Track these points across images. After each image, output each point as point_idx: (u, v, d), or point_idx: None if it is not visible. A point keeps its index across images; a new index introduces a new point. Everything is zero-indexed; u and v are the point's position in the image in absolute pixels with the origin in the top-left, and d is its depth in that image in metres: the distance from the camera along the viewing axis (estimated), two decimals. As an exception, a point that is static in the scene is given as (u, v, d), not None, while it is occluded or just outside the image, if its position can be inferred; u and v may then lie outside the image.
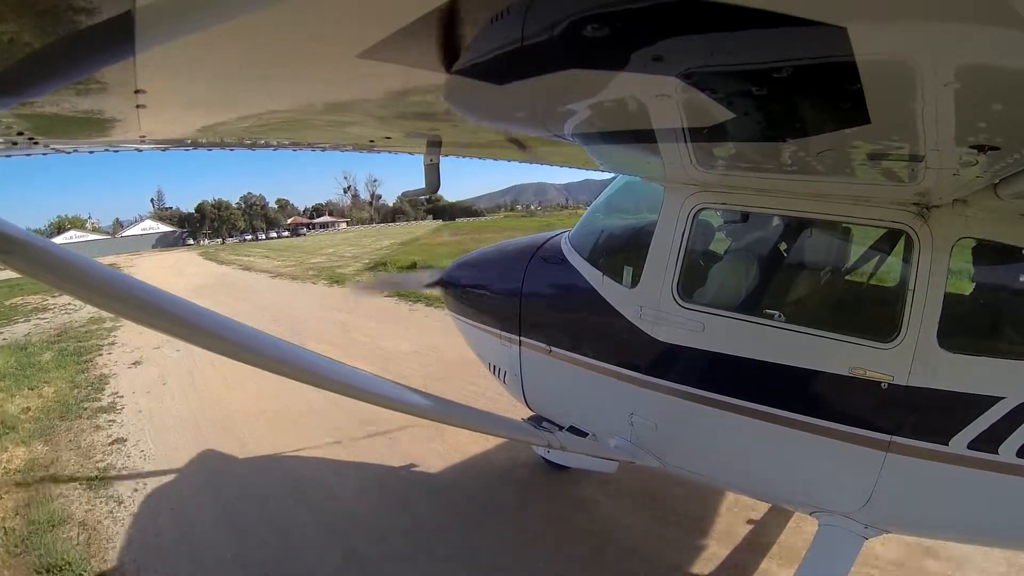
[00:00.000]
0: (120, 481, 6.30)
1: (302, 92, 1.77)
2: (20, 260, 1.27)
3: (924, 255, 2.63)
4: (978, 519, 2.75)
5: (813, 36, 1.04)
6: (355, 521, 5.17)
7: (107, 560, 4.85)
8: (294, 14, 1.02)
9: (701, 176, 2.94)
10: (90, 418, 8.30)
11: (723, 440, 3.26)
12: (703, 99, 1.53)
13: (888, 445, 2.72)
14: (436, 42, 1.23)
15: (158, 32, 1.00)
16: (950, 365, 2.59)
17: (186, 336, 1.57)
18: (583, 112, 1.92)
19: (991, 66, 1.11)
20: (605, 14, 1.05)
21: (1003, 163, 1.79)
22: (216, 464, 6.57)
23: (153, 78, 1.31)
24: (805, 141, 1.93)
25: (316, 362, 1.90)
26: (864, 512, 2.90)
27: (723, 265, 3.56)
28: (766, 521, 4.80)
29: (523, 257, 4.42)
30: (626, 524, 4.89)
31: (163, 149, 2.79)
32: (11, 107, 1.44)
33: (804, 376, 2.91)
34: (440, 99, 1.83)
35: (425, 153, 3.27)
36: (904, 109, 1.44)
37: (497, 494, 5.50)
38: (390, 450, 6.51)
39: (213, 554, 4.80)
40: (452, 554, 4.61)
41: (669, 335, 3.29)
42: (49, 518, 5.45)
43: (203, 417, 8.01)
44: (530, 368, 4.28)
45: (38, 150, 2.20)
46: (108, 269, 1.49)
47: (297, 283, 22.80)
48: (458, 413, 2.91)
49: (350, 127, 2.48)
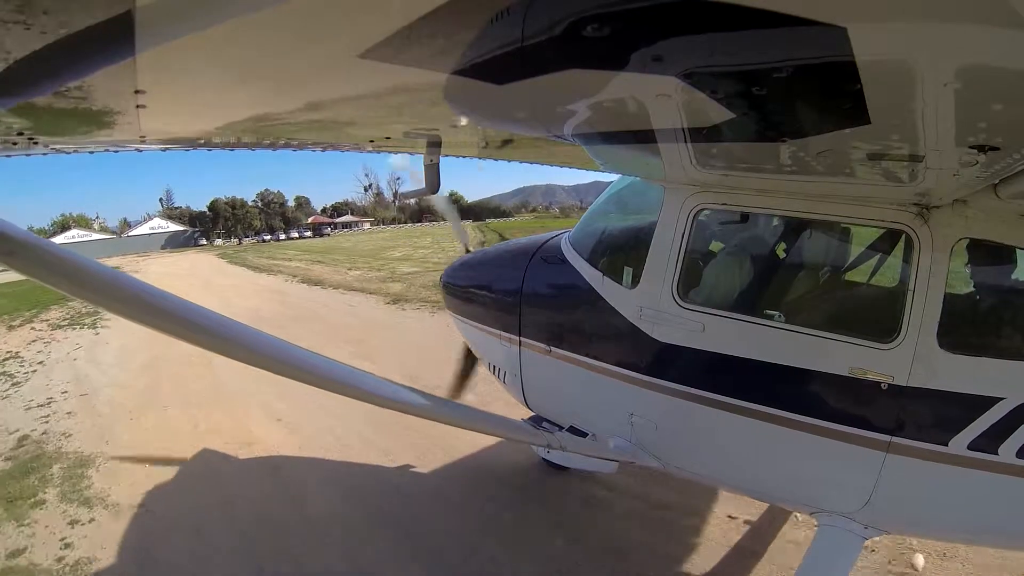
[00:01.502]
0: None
1: (302, 92, 1.77)
2: (21, 261, 1.27)
3: (924, 255, 2.63)
4: (978, 520, 2.75)
5: (813, 36, 1.04)
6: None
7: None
8: (294, 14, 1.02)
9: (701, 176, 2.94)
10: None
11: (723, 440, 3.26)
12: (703, 99, 1.53)
13: (888, 446, 2.72)
14: (436, 42, 1.23)
15: (158, 32, 1.00)
16: (950, 365, 2.58)
17: (186, 336, 1.56)
18: (583, 112, 1.92)
19: (991, 66, 1.11)
20: (605, 14, 1.05)
21: (1003, 163, 1.79)
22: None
23: (153, 78, 1.31)
24: (805, 141, 1.93)
25: (316, 362, 1.90)
26: (864, 512, 2.90)
27: (723, 265, 3.55)
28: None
29: (523, 257, 4.42)
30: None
31: (163, 149, 2.79)
32: (11, 107, 1.44)
33: (804, 376, 2.91)
34: (440, 99, 1.83)
35: (425, 153, 3.27)
36: (904, 109, 1.44)
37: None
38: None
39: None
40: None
41: (669, 335, 3.29)
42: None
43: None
44: (530, 368, 4.28)
45: (38, 150, 2.20)
46: (109, 269, 1.48)
47: (408, 309, 15.40)
48: (458, 413, 2.91)
49: (350, 127, 2.48)
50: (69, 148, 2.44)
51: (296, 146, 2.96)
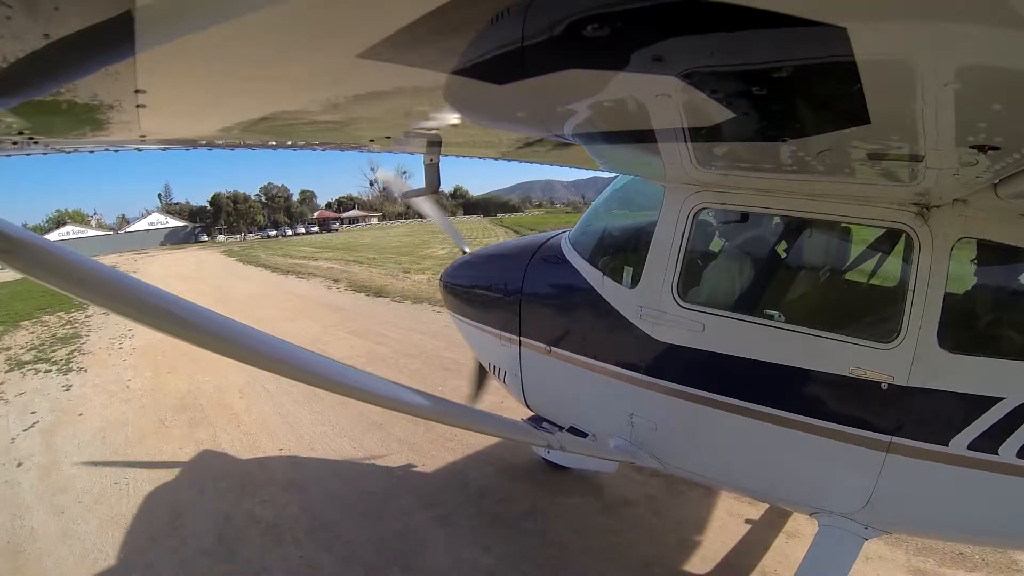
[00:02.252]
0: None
1: (302, 92, 1.77)
2: (20, 260, 1.27)
3: (924, 255, 2.63)
4: (978, 520, 2.75)
5: (813, 36, 1.04)
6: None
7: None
8: (294, 14, 1.02)
9: (701, 176, 2.94)
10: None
11: (723, 441, 3.26)
12: (703, 99, 1.53)
13: (888, 446, 2.72)
14: (436, 42, 1.23)
15: (158, 32, 1.00)
16: (950, 365, 2.58)
17: (186, 336, 1.56)
18: (583, 112, 1.92)
19: (991, 66, 1.11)
20: (605, 14, 1.05)
21: (1003, 163, 1.79)
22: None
23: (153, 78, 1.31)
24: (805, 141, 1.93)
25: (316, 362, 1.90)
26: (864, 513, 2.90)
27: (723, 265, 3.55)
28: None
29: (523, 257, 4.42)
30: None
31: (163, 149, 2.79)
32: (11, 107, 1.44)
33: (804, 376, 2.91)
34: (440, 99, 1.83)
35: (425, 153, 3.27)
36: (904, 109, 1.44)
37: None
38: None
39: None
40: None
41: (669, 335, 3.29)
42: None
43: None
44: (530, 368, 4.28)
45: (38, 150, 2.20)
46: (108, 269, 1.48)
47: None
48: (458, 413, 2.91)
49: (350, 127, 2.48)
50: (69, 147, 2.44)
51: (296, 146, 2.96)
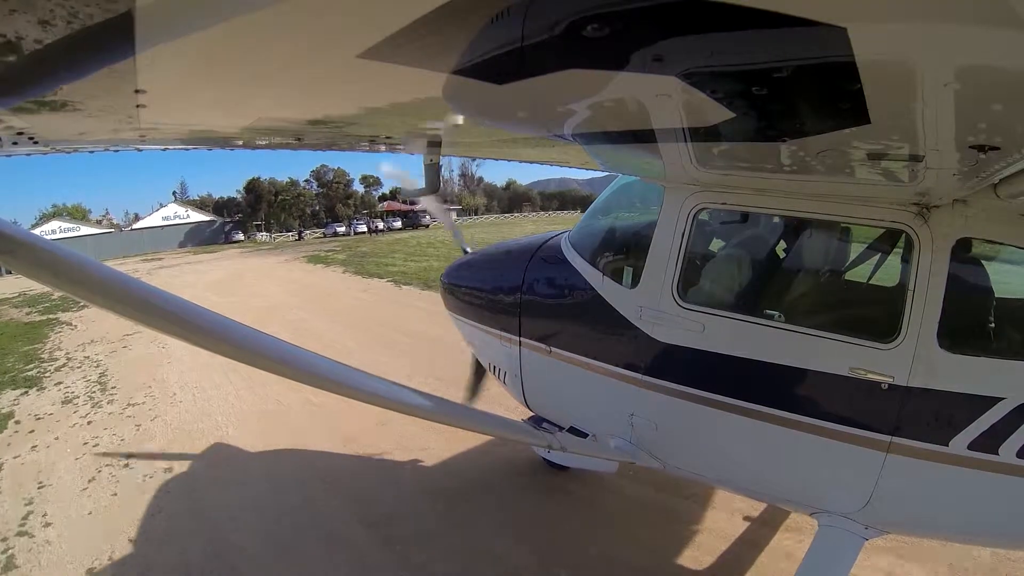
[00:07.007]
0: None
1: (302, 92, 1.77)
2: (20, 260, 1.27)
3: (924, 255, 2.63)
4: (978, 520, 2.75)
5: (813, 36, 1.04)
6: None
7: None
8: (294, 14, 1.02)
9: (701, 176, 2.94)
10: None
11: (723, 441, 3.26)
12: (703, 99, 1.53)
13: (888, 446, 2.72)
14: (436, 42, 1.23)
15: (158, 32, 1.00)
16: (950, 365, 2.58)
17: (186, 336, 1.56)
18: (583, 112, 1.92)
19: (991, 66, 1.11)
20: (605, 14, 1.05)
21: (1003, 163, 1.79)
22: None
23: (153, 78, 1.31)
24: (805, 141, 1.93)
25: (316, 362, 1.90)
26: (864, 513, 2.90)
27: (723, 265, 3.55)
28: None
29: (523, 257, 4.42)
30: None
31: (163, 149, 2.79)
32: (11, 107, 1.44)
33: (804, 377, 2.91)
34: (440, 99, 1.83)
35: (425, 153, 3.27)
36: (904, 109, 1.44)
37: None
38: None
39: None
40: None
41: (669, 335, 3.29)
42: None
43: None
44: (530, 368, 4.28)
45: (38, 150, 2.20)
46: (109, 269, 1.48)
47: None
48: (458, 413, 2.91)
49: (350, 127, 2.48)
50: (69, 148, 2.44)
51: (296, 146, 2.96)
